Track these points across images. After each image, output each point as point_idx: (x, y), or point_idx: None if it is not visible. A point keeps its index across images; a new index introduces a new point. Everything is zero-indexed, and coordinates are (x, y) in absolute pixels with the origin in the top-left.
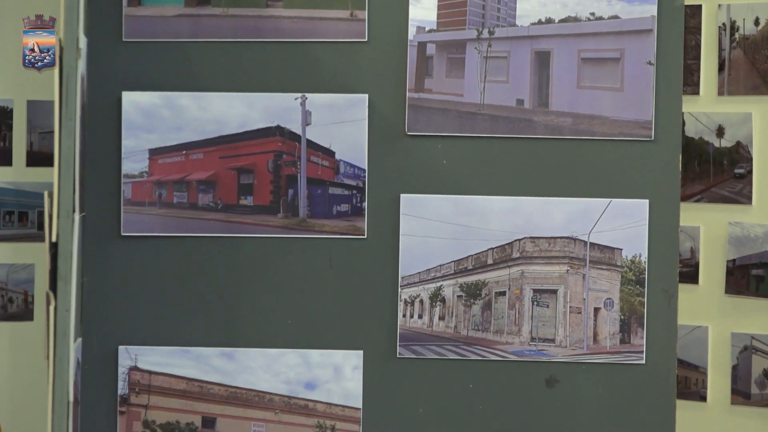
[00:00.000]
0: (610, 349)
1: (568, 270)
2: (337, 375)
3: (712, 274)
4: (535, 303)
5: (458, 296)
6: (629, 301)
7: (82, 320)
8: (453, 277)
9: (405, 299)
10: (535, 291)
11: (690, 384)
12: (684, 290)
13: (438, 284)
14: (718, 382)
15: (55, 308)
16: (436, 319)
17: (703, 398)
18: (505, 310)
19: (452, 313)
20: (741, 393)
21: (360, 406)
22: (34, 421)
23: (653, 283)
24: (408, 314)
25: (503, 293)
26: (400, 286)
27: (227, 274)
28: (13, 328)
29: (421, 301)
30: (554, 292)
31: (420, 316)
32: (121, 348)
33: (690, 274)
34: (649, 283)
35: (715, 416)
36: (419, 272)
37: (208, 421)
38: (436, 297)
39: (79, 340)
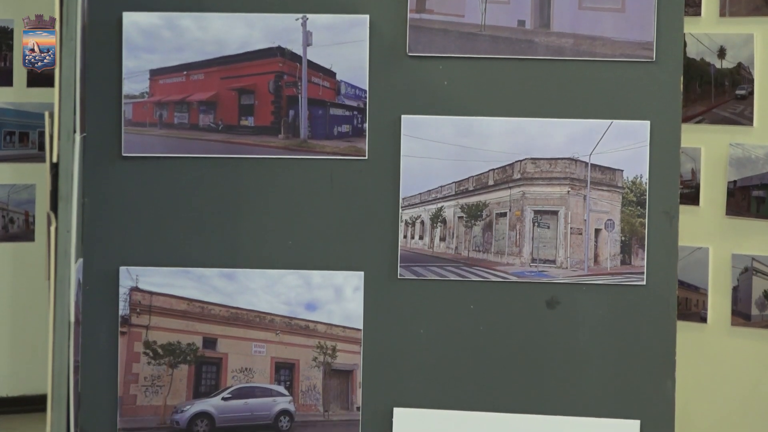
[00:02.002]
0: (611, 271)
1: (569, 191)
2: (337, 296)
3: (712, 196)
4: (536, 224)
5: (459, 217)
6: (630, 223)
7: (83, 241)
8: (454, 198)
9: (406, 220)
10: (536, 212)
11: (690, 305)
12: (685, 211)
13: (439, 205)
14: (718, 303)
15: (56, 229)
16: (437, 240)
17: (704, 319)
18: (506, 231)
19: (453, 234)
20: (741, 314)
21: (361, 327)
22: (35, 342)
23: (654, 205)
24: (409, 235)
25: (504, 214)
26: (401, 207)
27: (228, 195)
28: (14, 248)
29: (422, 222)
30: (555, 213)
31: (421, 237)
32: (122, 268)
33: (691, 195)
34: (650, 205)
35: (716, 337)
36: (420, 193)
37: (209, 342)
38: (437, 218)
39: (80, 260)
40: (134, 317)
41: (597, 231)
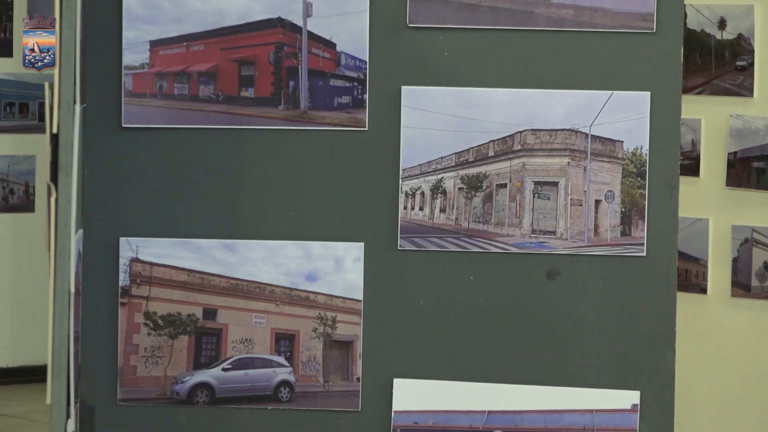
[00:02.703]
0: (611, 242)
1: (569, 162)
2: (338, 267)
3: (713, 167)
4: (536, 195)
5: (459, 188)
6: (630, 194)
7: (83, 212)
8: (454, 169)
9: (406, 191)
10: (536, 183)
11: (690, 276)
12: (685, 183)
13: (439, 176)
14: (718, 274)
15: (56, 199)
16: (437, 211)
17: (704, 291)
18: (506, 202)
19: (453, 205)
20: (741, 285)
21: (361, 298)
22: (35, 312)
23: (654, 176)
24: (409, 206)
25: (504, 185)
26: (401, 178)
27: (228, 166)
28: (14, 219)
29: (422, 193)
30: (555, 184)
31: (421, 208)
32: (122, 239)
33: (691, 166)
34: (650, 176)
35: (716, 308)
36: (420, 164)
37: (210, 313)
38: (437, 189)
39: (80, 231)
40: (134, 288)
41: (597, 202)
